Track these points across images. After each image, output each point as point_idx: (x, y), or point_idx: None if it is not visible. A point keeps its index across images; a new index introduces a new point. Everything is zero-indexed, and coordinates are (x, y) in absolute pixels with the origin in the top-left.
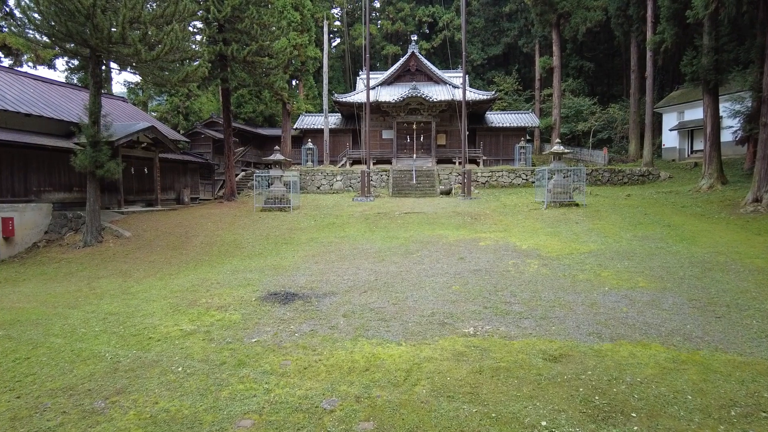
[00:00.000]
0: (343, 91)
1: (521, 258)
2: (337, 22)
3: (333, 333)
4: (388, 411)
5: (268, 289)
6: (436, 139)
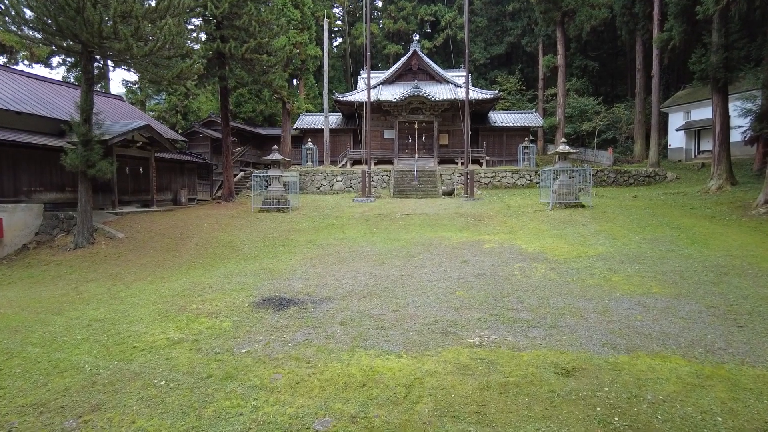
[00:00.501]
0: (344, 91)
1: (527, 261)
2: (338, 21)
3: (329, 343)
4: None
5: (262, 294)
6: (438, 139)
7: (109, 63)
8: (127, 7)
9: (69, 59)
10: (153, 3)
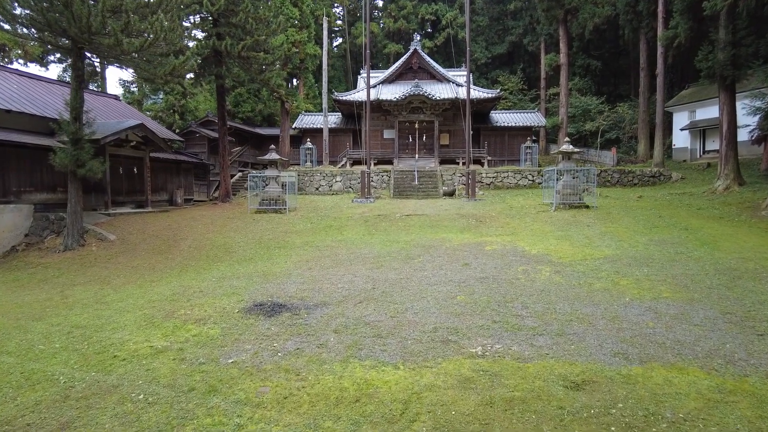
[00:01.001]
0: (344, 91)
1: (531, 264)
2: (339, 21)
3: (321, 353)
4: None
5: (254, 299)
6: (439, 139)
7: (108, 62)
8: (117, 2)
9: (65, 58)
10: None
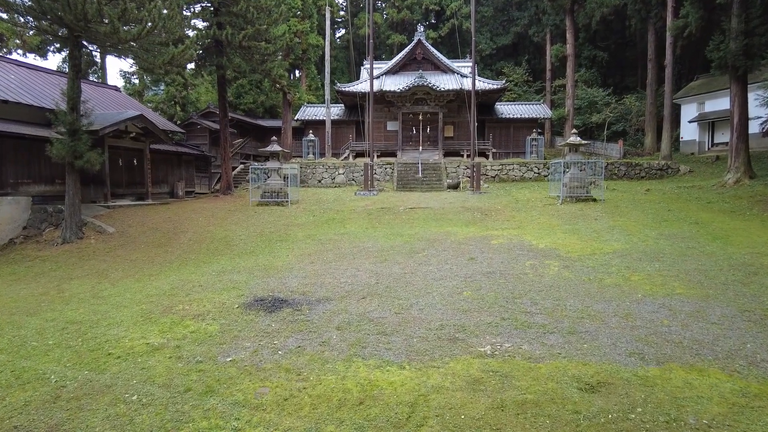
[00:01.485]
0: (347, 82)
1: (539, 259)
2: (342, 11)
3: (323, 351)
4: None
5: (254, 294)
6: (443, 131)
7: (101, 50)
8: None
9: (63, 47)
10: None
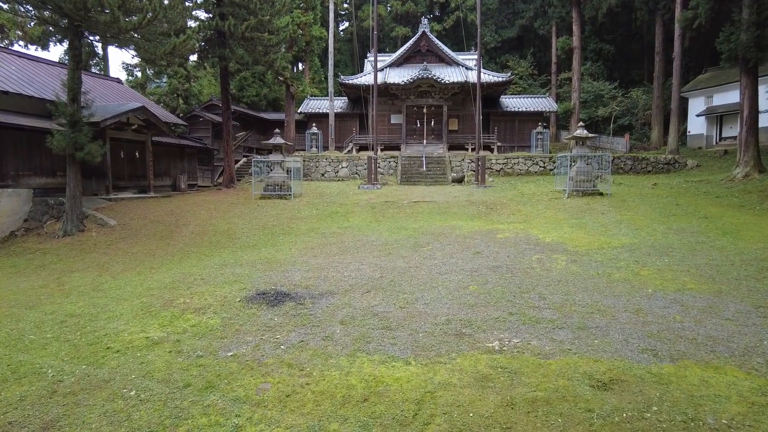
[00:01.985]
0: (351, 75)
1: (546, 253)
2: (345, 4)
3: (327, 346)
4: None
5: (256, 288)
6: (447, 124)
7: (102, 41)
8: None
9: (64, 38)
10: None
